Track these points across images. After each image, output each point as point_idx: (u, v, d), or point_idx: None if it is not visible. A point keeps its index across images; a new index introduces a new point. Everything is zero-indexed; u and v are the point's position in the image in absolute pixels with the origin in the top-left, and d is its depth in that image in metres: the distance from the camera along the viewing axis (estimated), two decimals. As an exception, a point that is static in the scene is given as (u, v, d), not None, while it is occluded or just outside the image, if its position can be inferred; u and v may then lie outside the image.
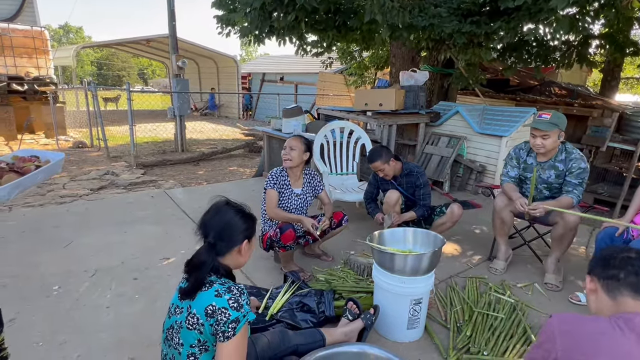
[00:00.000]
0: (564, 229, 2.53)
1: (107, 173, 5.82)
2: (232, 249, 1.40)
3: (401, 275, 1.94)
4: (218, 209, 1.46)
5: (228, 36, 5.26)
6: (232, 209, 1.46)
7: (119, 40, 15.12)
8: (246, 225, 1.45)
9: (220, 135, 10.78)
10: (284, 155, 2.59)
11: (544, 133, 2.50)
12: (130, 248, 3.07)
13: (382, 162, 2.84)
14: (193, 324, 1.28)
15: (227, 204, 1.49)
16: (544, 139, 2.53)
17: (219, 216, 1.44)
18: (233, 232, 1.41)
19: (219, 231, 1.40)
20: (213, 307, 1.25)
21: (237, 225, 1.42)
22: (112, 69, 44.83)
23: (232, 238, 1.40)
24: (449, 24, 3.93)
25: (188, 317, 1.29)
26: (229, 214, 1.43)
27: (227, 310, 1.25)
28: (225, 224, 1.42)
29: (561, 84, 8.49)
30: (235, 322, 1.25)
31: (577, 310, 2.41)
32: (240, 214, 1.45)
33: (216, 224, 1.42)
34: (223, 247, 1.39)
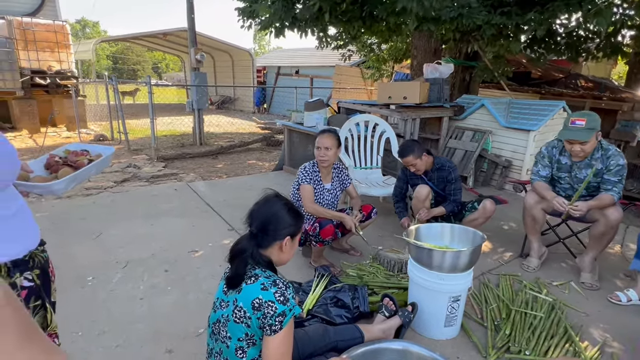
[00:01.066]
0: (605, 227, 2.44)
1: (130, 166, 5.89)
2: (273, 243, 1.38)
3: (439, 272, 1.89)
4: (267, 200, 1.44)
5: (249, 29, 5.23)
6: (280, 202, 1.44)
7: (136, 34, 15.22)
8: (292, 222, 1.42)
9: (237, 129, 10.80)
10: (321, 157, 2.54)
11: (584, 140, 2.40)
12: (159, 240, 3.09)
13: (415, 156, 2.78)
14: (240, 317, 1.27)
15: (277, 196, 1.47)
16: (582, 145, 2.42)
17: (266, 207, 1.42)
18: (277, 226, 1.38)
19: (263, 222, 1.38)
20: (260, 300, 1.24)
21: (283, 219, 1.40)
22: (127, 62, 45.35)
23: (276, 231, 1.38)
24: (478, 14, 3.82)
25: (235, 310, 1.28)
26: (276, 207, 1.41)
27: (273, 304, 1.23)
28: (271, 215, 1.39)
29: (588, 77, 8.22)
30: (282, 316, 1.24)
31: (617, 310, 2.33)
32: (287, 208, 1.43)
33: (261, 215, 1.40)
34: (265, 240, 1.37)
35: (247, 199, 4.19)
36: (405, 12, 3.31)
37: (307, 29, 4.70)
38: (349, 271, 2.60)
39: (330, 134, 2.56)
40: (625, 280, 2.72)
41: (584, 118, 2.38)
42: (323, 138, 2.54)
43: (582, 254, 2.69)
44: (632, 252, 3.20)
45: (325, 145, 2.52)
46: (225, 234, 3.26)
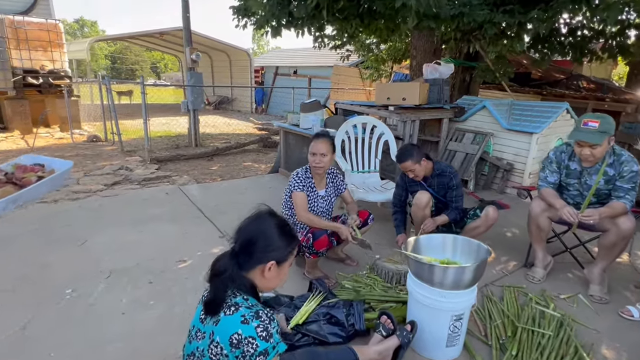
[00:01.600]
0: (616, 237, 2.30)
1: (121, 168, 5.74)
2: (255, 266, 1.22)
3: (441, 289, 1.75)
4: (257, 216, 1.29)
5: (245, 28, 5.09)
6: (272, 220, 1.28)
7: (133, 34, 15.06)
8: (281, 245, 1.25)
9: (234, 130, 10.65)
10: (316, 163, 2.39)
11: (595, 143, 2.26)
12: (146, 248, 2.95)
13: (413, 162, 2.64)
14: (216, 354, 1.12)
15: (270, 213, 1.30)
16: (592, 149, 2.28)
17: (254, 224, 1.26)
18: (262, 247, 1.23)
19: (247, 240, 1.23)
20: (239, 337, 1.09)
21: (270, 240, 1.24)
22: (126, 62, 45.14)
23: (259, 253, 1.22)
24: (480, 12, 3.68)
25: (211, 345, 1.13)
26: (266, 225, 1.26)
27: (254, 341, 1.09)
28: (257, 234, 1.24)
29: (590, 78, 8.10)
30: (264, 355, 1.09)
31: (629, 326, 2.19)
32: (279, 228, 1.27)
33: (248, 232, 1.25)
34: (246, 261, 1.22)
35: (240, 204, 4.11)
36: (405, 8, 3.17)
37: (304, 28, 4.56)
38: (344, 283, 2.46)
39: (325, 139, 2.41)
40: (636, 292, 2.58)
41: (597, 120, 2.23)
42: (318, 143, 2.39)
43: (590, 265, 2.55)
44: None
45: (321, 151, 2.37)
46: (215, 242, 3.12)
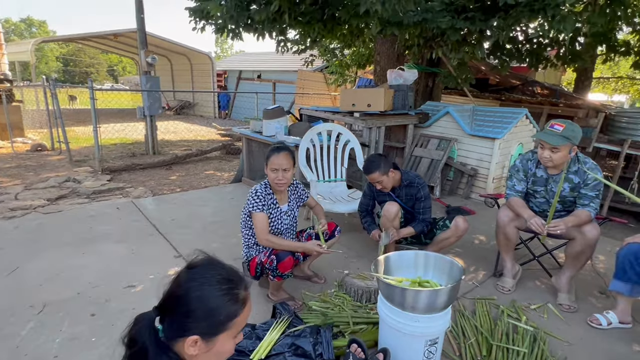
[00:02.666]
0: (583, 246, 2.29)
1: (68, 180, 5.26)
2: (175, 338, 0.89)
3: (414, 313, 1.63)
4: (186, 269, 0.95)
5: (203, 31, 4.82)
6: (204, 276, 0.92)
7: (84, 35, 14.19)
8: (208, 314, 0.89)
9: (195, 136, 10.23)
10: (278, 180, 2.18)
11: (554, 146, 2.26)
12: (89, 274, 2.63)
13: (381, 173, 2.52)
14: None
15: (207, 265, 0.95)
16: (552, 152, 2.29)
17: (179, 279, 0.93)
18: (181, 313, 0.89)
19: (166, 299, 0.92)
20: None
21: (191, 306, 0.88)
22: (80, 65, 42.73)
23: (176, 322, 0.89)
24: (442, 19, 3.66)
25: None
26: (192, 283, 0.90)
27: None
28: (178, 295, 0.90)
29: (544, 84, 8.47)
30: None
31: (599, 335, 2.18)
32: (211, 291, 0.90)
33: (170, 289, 0.93)
34: (167, 328, 0.90)
35: (200, 218, 3.83)
36: (369, 15, 3.09)
37: (264, 32, 4.37)
38: (311, 304, 2.29)
39: (286, 153, 2.21)
40: (601, 298, 2.60)
41: (563, 124, 2.24)
42: (279, 158, 2.17)
43: (558, 274, 2.54)
44: (602, 265, 3.13)
45: (283, 166, 2.17)
46: (171, 263, 2.85)
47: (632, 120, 5.91)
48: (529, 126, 5.00)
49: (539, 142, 2.36)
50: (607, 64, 14.75)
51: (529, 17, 3.33)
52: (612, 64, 15.31)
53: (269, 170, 2.20)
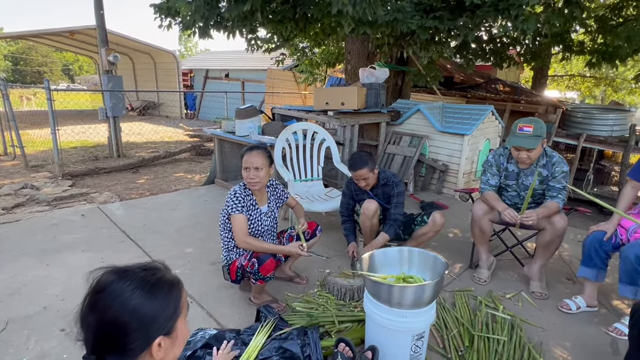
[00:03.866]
0: (552, 235, 2.41)
1: (25, 187, 4.93)
2: (136, 356, 0.83)
3: (400, 309, 1.64)
4: (99, 295, 0.83)
5: (169, 28, 4.64)
6: (126, 285, 0.83)
7: (36, 32, 13.31)
8: (158, 309, 0.84)
9: (162, 138, 9.88)
10: (250, 179, 2.14)
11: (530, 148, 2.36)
12: (56, 286, 2.47)
13: (369, 169, 2.55)
14: None
15: (120, 277, 0.85)
16: (529, 152, 2.39)
17: (99, 308, 0.81)
18: (132, 332, 0.81)
19: (102, 338, 0.81)
20: None
21: (139, 315, 0.81)
22: (31, 64, 40.14)
23: (133, 342, 0.81)
24: (412, 19, 3.74)
25: None
26: (120, 300, 0.81)
27: None
28: (112, 321, 0.80)
29: (505, 82, 8.84)
30: None
31: (569, 319, 2.30)
32: (143, 290, 0.83)
33: (95, 326, 0.81)
34: (118, 356, 0.81)
35: (172, 221, 3.69)
36: (341, 14, 3.10)
37: (235, 30, 4.28)
38: (295, 306, 2.27)
39: (259, 151, 2.18)
40: (569, 284, 2.74)
41: (531, 125, 2.33)
42: (251, 156, 2.14)
43: (530, 263, 2.66)
44: (567, 253, 3.31)
45: (255, 164, 2.13)
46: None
47: (587, 115, 6.31)
48: (494, 122, 5.20)
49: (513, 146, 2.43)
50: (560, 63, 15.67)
51: (494, 17, 3.46)
52: (564, 63, 16.30)
53: (242, 170, 2.16)
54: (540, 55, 5.00)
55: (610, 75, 15.89)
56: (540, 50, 5.29)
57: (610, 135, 6.08)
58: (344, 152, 4.46)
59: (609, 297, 2.58)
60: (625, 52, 4.31)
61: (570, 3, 3.29)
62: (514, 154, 2.46)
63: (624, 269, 2.05)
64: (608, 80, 15.97)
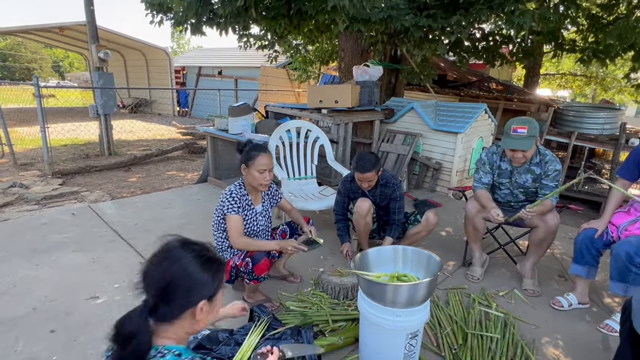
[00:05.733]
0: (545, 233, 2.43)
1: (14, 185, 4.84)
2: (182, 313, 1.01)
3: (394, 307, 1.64)
4: (167, 254, 1.03)
5: (161, 24, 4.59)
6: (188, 253, 1.03)
7: (25, 27, 13.08)
8: (207, 279, 1.03)
9: (154, 135, 9.78)
10: (265, 181, 2.12)
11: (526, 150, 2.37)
12: (45, 287, 2.43)
13: (375, 172, 2.53)
14: None
15: (183, 246, 1.05)
16: (524, 152, 2.39)
17: (165, 265, 1.01)
18: (185, 290, 1.00)
19: (163, 288, 0.99)
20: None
21: (193, 279, 1.01)
22: (20, 60, 39.46)
23: (183, 299, 1.00)
24: (405, 17, 3.73)
25: None
26: (182, 262, 1.01)
27: None
28: (174, 277, 0.99)
29: (498, 80, 8.89)
30: None
31: (561, 316, 2.32)
32: (199, 261, 1.03)
33: (159, 277, 1.00)
34: (169, 311, 0.99)
35: (165, 220, 3.66)
36: (336, 10, 3.07)
37: (228, 27, 4.23)
38: (289, 305, 2.26)
39: (269, 153, 2.18)
40: (561, 282, 2.77)
41: (525, 126, 2.33)
42: (265, 158, 2.10)
43: (522, 261, 2.67)
44: (559, 251, 3.34)
45: (270, 166, 2.12)
46: (136, 269, 2.65)
47: (578, 114, 6.36)
48: (487, 120, 5.23)
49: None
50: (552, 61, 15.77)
51: (488, 14, 3.46)
52: (556, 61, 16.43)
53: (254, 171, 2.10)
54: (532, 53, 5.02)
55: (600, 74, 16.07)
56: (533, 48, 5.32)
57: (601, 133, 6.13)
58: (338, 150, 4.45)
59: (600, 294, 2.61)
60: (615, 51, 4.35)
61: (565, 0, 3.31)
62: (509, 154, 2.47)
63: (615, 266, 2.07)
64: (598, 79, 16.14)
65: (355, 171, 2.60)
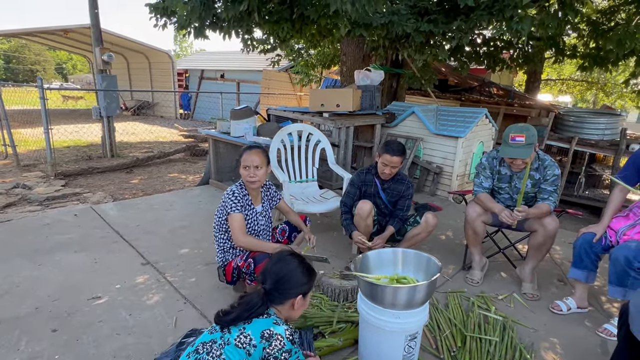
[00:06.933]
0: (544, 237, 2.44)
1: (17, 186, 4.88)
2: (286, 301, 1.42)
3: (394, 309, 1.65)
4: (281, 258, 1.51)
5: (165, 28, 4.63)
6: (295, 260, 1.50)
7: (29, 30, 13.20)
8: (305, 280, 1.47)
9: (156, 138, 9.83)
10: (250, 177, 2.16)
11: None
12: (47, 287, 2.45)
13: (402, 159, 2.59)
14: (244, 343, 1.27)
15: (292, 254, 1.54)
16: (524, 160, 2.42)
17: (280, 265, 1.48)
18: (290, 284, 1.43)
19: (277, 280, 1.43)
20: (270, 332, 1.28)
21: (296, 278, 1.45)
22: (24, 62, 39.70)
23: (288, 290, 1.43)
24: (407, 22, 3.76)
25: (240, 335, 1.29)
26: (291, 266, 1.47)
27: (283, 339, 1.28)
28: (285, 274, 1.44)
29: (499, 85, 8.92)
30: (288, 353, 1.28)
31: (560, 320, 2.33)
32: (302, 267, 1.48)
33: (275, 272, 1.45)
34: (277, 297, 1.41)
35: (167, 222, 3.68)
36: (338, 15, 3.11)
37: (231, 31, 4.28)
38: (289, 307, 2.27)
39: (258, 150, 2.20)
40: (560, 286, 2.78)
41: (522, 134, 2.35)
42: (251, 155, 2.16)
43: (522, 265, 2.69)
44: (559, 255, 3.35)
45: (255, 163, 2.15)
46: (137, 270, 2.72)
47: (579, 119, 6.38)
48: (488, 125, 5.25)
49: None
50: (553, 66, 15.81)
51: (488, 20, 3.49)
52: (557, 67, 16.48)
53: (241, 169, 2.17)
54: (533, 59, 5.06)
55: (601, 79, 16.10)
56: (533, 54, 5.36)
57: (601, 139, 6.15)
58: (339, 154, 4.48)
59: (598, 298, 2.62)
60: (615, 56, 4.38)
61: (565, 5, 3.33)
62: (508, 162, 2.50)
63: (613, 270, 2.08)
64: (599, 85, 16.17)
65: (384, 154, 2.60)
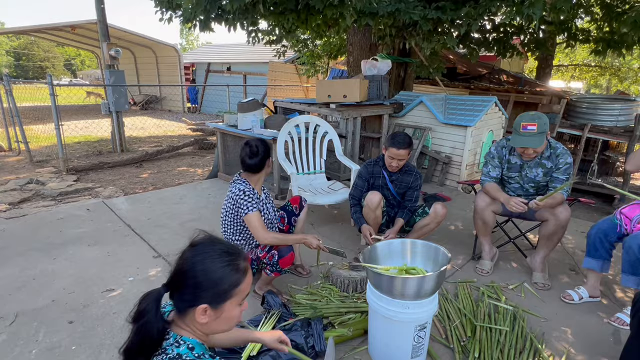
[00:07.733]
0: (555, 226, 2.41)
1: (31, 182, 4.97)
2: (187, 309, 0.98)
3: (403, 300, 1.66)
4: (189, 246, 1.03)
5: (170, 21, 4.64)
6: (206, 251, 1.00)
7: (38, 27, 13.30)
8: (214, 284, 0.97)
9: (165, 132, 9.90)
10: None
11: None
12: (63, 279, 2.51)
13: (409, 151, 2.59)
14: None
15: (209, 242, 1.03)
16: (535, 149, 2.37)
17: (185, 255, 1.02)
18: (190, 286, 0.97)
19: (175, 276, 1.00)
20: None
21: (199, 278, 0.96)
22: (33, 59, 40.12)
23: (187, 294, 0.98)
24: (414, 9, 3.70)
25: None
26: (197, 258, 0.98)
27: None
28: (185, 269, 0.98)
29: (509, 72, 8.75)
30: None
31: (572, 310, 2.31)
32: (215, 263, 0.98)
33: (177, 264, 1.01)
34: (178, 301, 1.00)
35: (177, 215, 3.73)
36: (343, 4, 3.06)
37: (236, 22, 4.25)
38: (299, 298, 2.29)
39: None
40: (572, 275, 2.75)
41: (534, 122, 2.30)
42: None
43: (533, 254, 2.66)
44: (570, 244, 3.31)
45: None
46: (150, 263, 2.76)
47: (592, 105, 6.23)
48: (498, 113, 5.17)
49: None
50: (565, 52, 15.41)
51: (498, 5, 3.41)
52: (569, 52, 16.07)
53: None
54: (545, 44, 4.93)
55: (615, 64, 15.68)
56: (545, 39, 5.23)
57: (615, 125, 6.01)
58: (347, 145, 4.46)
59: (611, 287, 2.59)
60: (630, 40, 4.25)
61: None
62: (520, 151, 2.46)
63: (627, 259, 2.05)
64: (613, 70, 15.75)
65: (390, 147, 2.58)
